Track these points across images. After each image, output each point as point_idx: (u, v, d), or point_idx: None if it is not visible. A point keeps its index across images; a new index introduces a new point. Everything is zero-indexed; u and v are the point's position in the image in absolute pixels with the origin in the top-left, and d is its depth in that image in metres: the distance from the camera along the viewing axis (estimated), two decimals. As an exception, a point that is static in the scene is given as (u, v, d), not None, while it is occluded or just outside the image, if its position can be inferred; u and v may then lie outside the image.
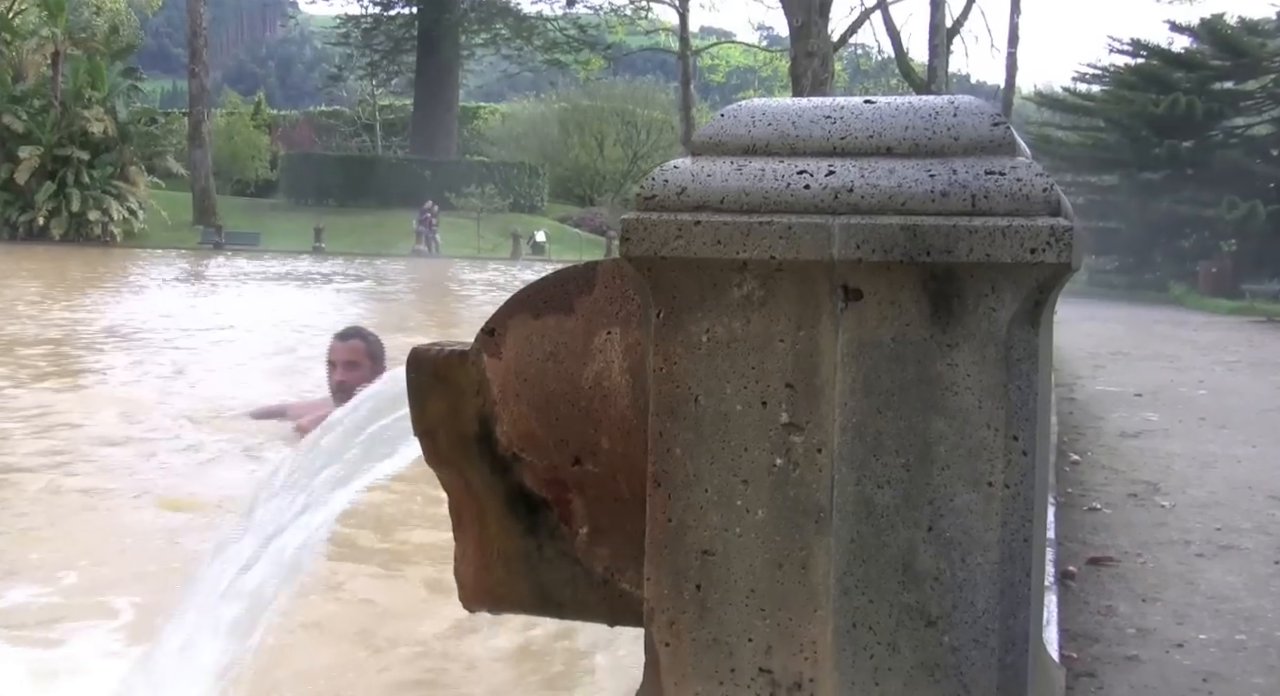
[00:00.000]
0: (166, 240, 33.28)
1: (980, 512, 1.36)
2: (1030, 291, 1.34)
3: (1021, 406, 1.36)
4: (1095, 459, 4.87)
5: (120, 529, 4.25)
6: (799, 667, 1.44)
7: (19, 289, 16.16)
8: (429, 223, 35.85)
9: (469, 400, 1.66)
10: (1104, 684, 2.27)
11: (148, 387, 7.75)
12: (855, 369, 1.40)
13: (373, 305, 17.19)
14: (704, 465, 1.46)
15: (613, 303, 1.61)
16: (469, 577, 1.76)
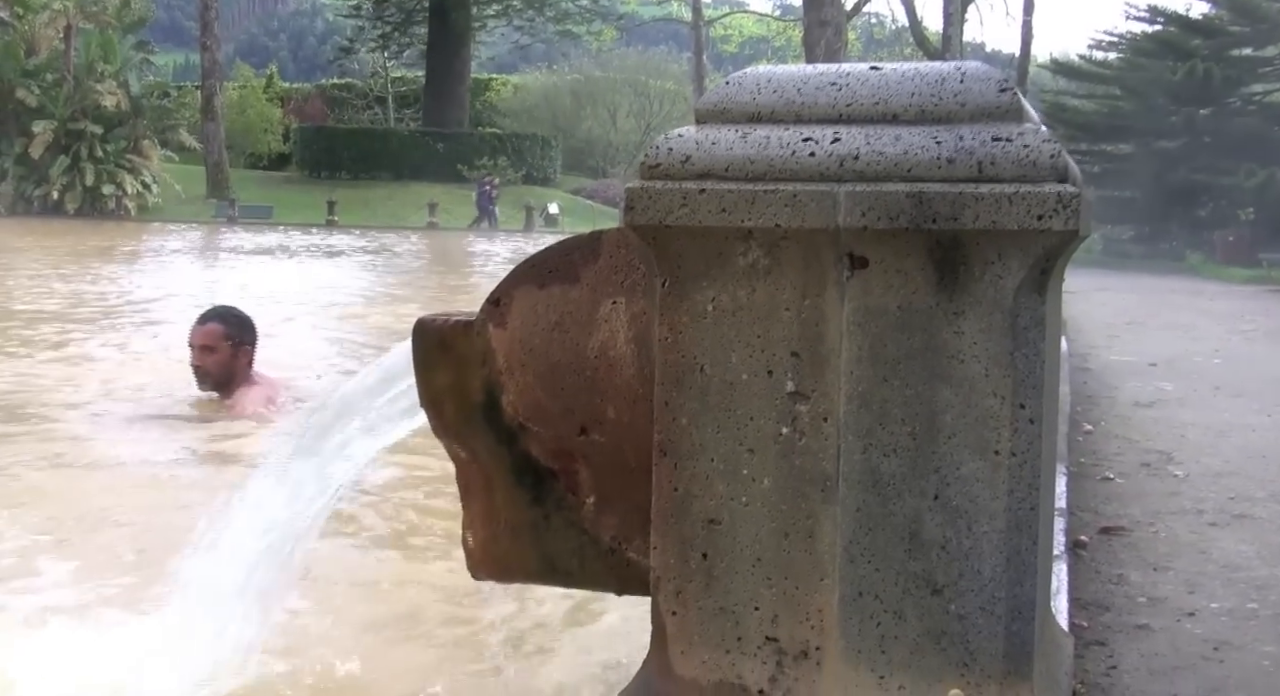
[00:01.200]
0: (180, 214, 33.32)
1: (987, 481, 1.36)
2: (1037, 259, 1.33)
3: (1029, 374, 1.35)
4: (1108, 428, 4.86)
5: (125, 493, 4.27)
6: (805, 635, 1.44)
7: (45, 260, 16.22)
8: (489, 195, 35.60)
9: (475, 370, 1.66)
10: (1114, 652, 2.26)
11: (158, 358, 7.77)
12: (861, 337, 1.39)
13: (388, 277, 17.25)
14: (710, 434, 1.46)
15: (618, 272, 1.61)
16: (476, 547, 1.77)
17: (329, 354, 8.34)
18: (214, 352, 5.24)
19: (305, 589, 2.90)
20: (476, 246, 26.49)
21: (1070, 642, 1.80)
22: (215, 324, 5.32)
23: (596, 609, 2.78)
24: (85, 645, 2.67)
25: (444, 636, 2.81)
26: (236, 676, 2.36)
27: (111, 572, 3.23)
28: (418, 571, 3.31)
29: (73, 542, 3.51)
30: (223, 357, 5.24)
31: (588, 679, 2.55)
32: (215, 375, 5.28)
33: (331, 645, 2.70)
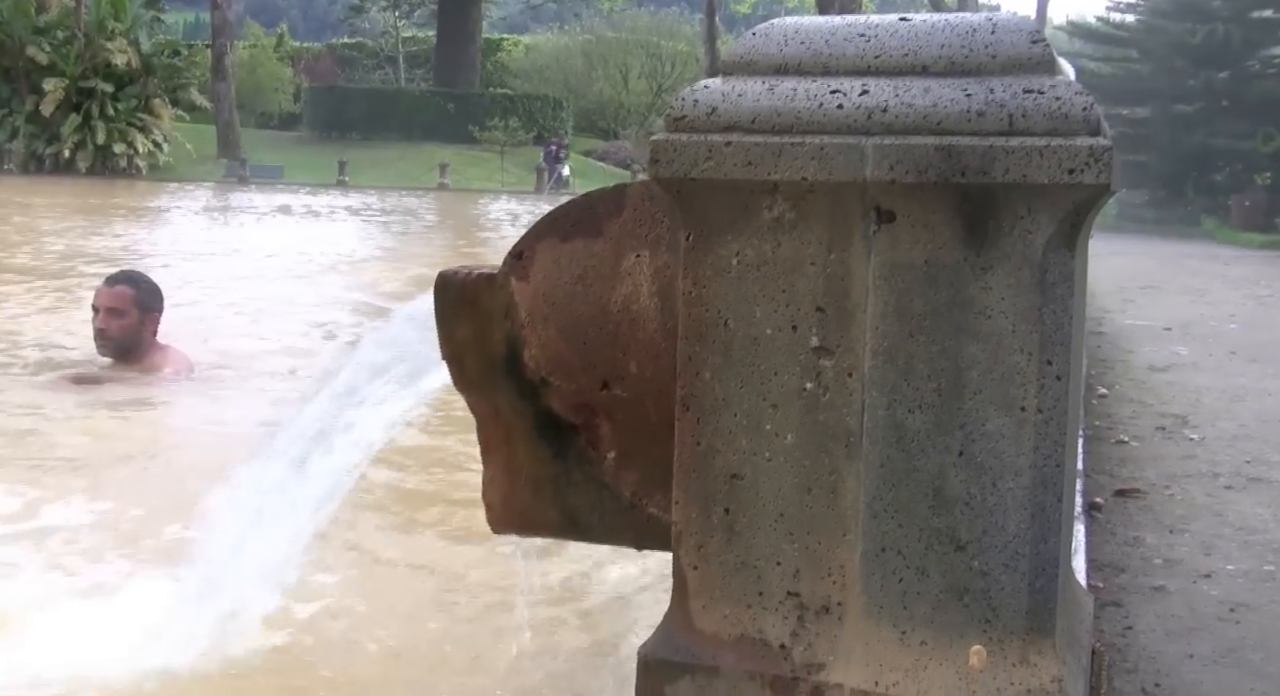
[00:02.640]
0: (191, 173, 33.27)
1: (1012, 437, 1.35)
2: (1067, 213, 1.32)
3: (1056, 330, 1.34)
4: (1123, 392, 4.85)
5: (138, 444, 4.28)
6: (827, 591, 1.44)
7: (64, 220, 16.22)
8: (555, 157, 35.30)
9: (497, 324, 1.65)
10: (1130, 613, 2.26)
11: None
12: (887, 292, 1.38)
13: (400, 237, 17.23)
14: (733, 389, 1.45)
15: (641, 225, 1.59)
16: (497, 501, 1.77)
17: (338, 315, 8.35)
18: (121, 317, 4.96)
19: (325, 548, 2.92)
20: (490, 208, 26.43)
21: (1090, 601, 1.80)
22: (125, 286, 5.02)
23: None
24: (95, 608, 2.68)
25: (469, 600, 2.82)
26: (251, 637, 2.38)
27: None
28: (439, 530, 3.32)
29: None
30: (129, 323, 4.97)
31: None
32: (119, 341, 5.00)
33: (353, 608, 2.72)
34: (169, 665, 2.27)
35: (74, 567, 2.91)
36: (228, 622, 2.35)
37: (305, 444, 2.16)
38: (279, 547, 2.29)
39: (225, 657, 2.31)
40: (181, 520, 3.03)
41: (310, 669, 2.37)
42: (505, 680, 2.33)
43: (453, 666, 2.41)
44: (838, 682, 1.42)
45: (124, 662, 2.28)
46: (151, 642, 2.32)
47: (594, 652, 2.47)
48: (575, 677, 2.33)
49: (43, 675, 2.27)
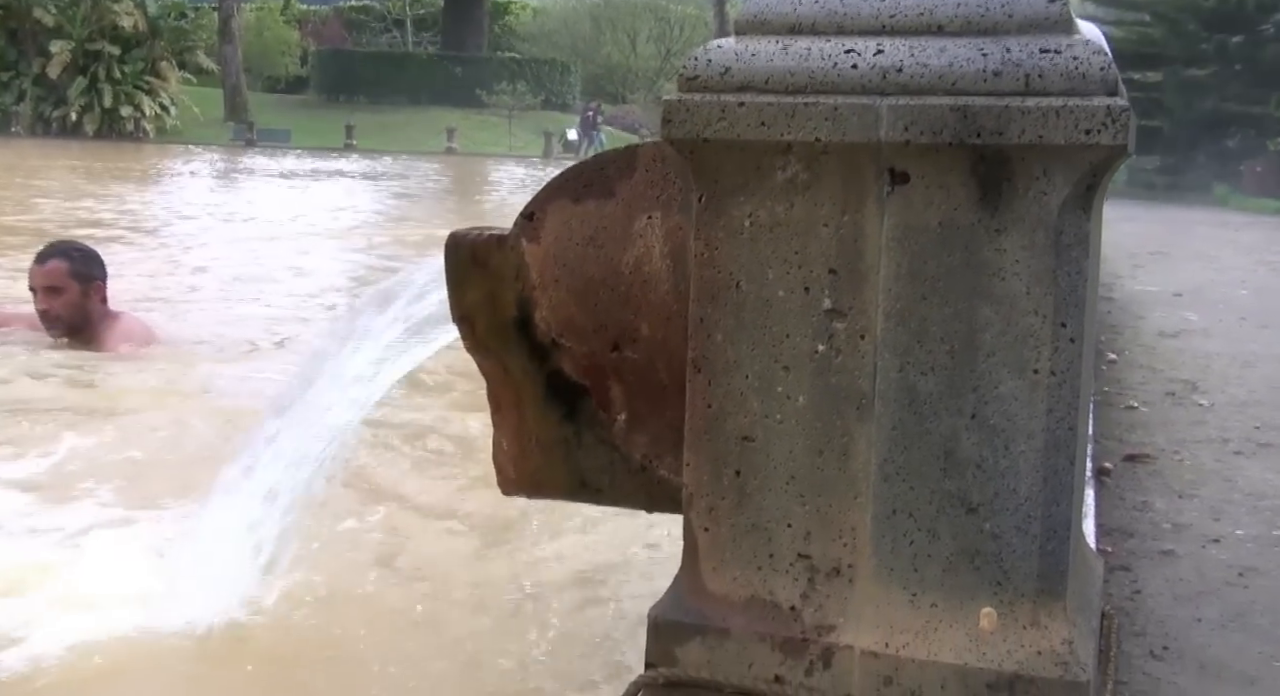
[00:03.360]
0: (199, 137, 33.24)
1: (1025, 400, 1.35)
2: (1083, 175, 1.31)
3: (1071, 293, 1.33)
4: (1133, 358, 4.84)
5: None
6: (838, 553, 1.44)
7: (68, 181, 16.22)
8: (592, 123, 35.04)
9: (507, 285, 1.64)
10: (1139, 577, 2.27)
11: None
12: (900, 254, 1.38)
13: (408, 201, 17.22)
14: (745, 351, 1.45)
15: (653, 186, 1.59)
16: (507, 464, 1.77)
17: (344, 279, 8.36)
18: (61, 293, 4.63)
19: (335, 509, 2.93)
20: (499, 172, 26.37)
21: (1101, 564, 1.80)
22: (57, 261, 4.68)
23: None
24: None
25: (478, 564, 2.83)
26: (262, 598, 2.40)
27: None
28: (447, 490, 3.33)
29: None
30: (72, 298, 4.66)
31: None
32: (67, 318, 4.70)
33: (359, 566, 2.73)
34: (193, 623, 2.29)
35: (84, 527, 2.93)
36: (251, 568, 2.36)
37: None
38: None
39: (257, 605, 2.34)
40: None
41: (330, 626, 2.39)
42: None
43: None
44: (848, 644, 1.42)
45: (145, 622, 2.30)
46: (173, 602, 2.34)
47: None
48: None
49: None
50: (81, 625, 2.33)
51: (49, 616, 2.39)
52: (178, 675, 2.23)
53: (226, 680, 2.22)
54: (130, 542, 2.82)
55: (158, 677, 2.22)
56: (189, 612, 2.31)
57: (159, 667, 2.23)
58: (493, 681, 2.23)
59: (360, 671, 2.25)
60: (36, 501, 3.10)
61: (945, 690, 1.38)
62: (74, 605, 2.41)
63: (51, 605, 2.44)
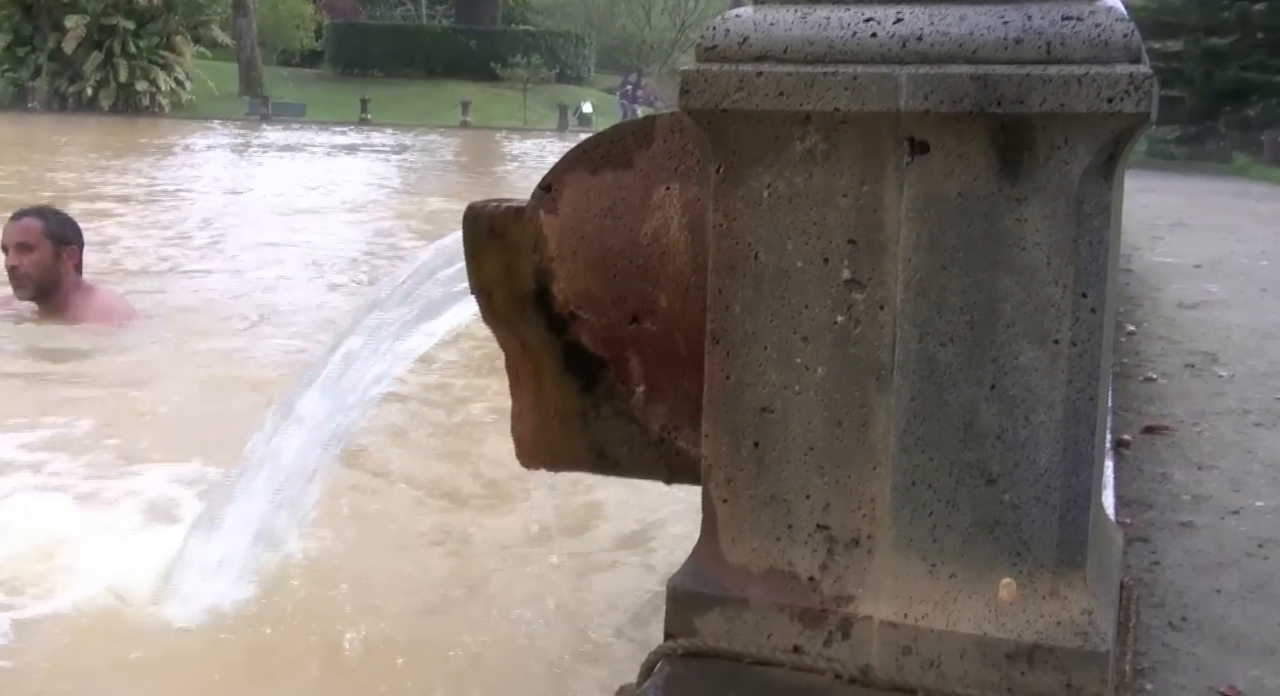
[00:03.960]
0: (214, 111, 33.27)
1: (1045, 370, 1.34)
2: (1105, 143, 1.30)
3: (1092, 262, 1.32)
4: (1152, 329, 4.81)
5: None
6: (857, 524, 1.44)
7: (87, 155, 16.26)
8: (633, 96, 34.81)
9: (525, 257, 1.64)
10: (1158, 549, 2.26)
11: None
12: (920, 224, 1.37)
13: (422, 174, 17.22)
14: (763, 322, 1.44)
15: (671, 157, 1.58)
16: (526, 436, 1.77)
17: (361, 252, 8.37)
18: (32, 251, 4.56)
19: (349, 481, 2.94)
20: (514, 146, 26.33)
21: (1120, 535, 1.80)
22: (33, 219, 4.64)
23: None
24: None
25: (489, 533, 2.84)
26: (272, 564, 2.41)
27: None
28: (466, 465, 3.34)
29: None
30: (43, 258, 4.58)
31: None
32: (36, 278, 4.60)
33: (372, 540, 2.75)
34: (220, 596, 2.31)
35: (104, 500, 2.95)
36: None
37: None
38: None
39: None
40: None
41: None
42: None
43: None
44: (866, 615, 1.43)
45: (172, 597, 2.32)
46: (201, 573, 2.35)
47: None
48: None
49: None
50: (94, 601, 2.35)
51: (58, 592, 2.40)
52: (194, 652, 2.24)
53: (248, 655, 2.23)
54: (144, 517, 2.84)
55: (173, 655, 2.23)
56: (206, 587, 2.32)
57: (174, 645, 2.25)
58: (510, 654, 2.24)
59: (385, 645, 2.26)
60: (46, 477, 3.11)
61: (964, 660, 1.38)
62: (86, 581, 2.42)
63: (61, 581, 2.45)
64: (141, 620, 2.29)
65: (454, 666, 2.20)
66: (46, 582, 2.44)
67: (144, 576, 2.42)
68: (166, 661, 2.20)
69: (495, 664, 2.21)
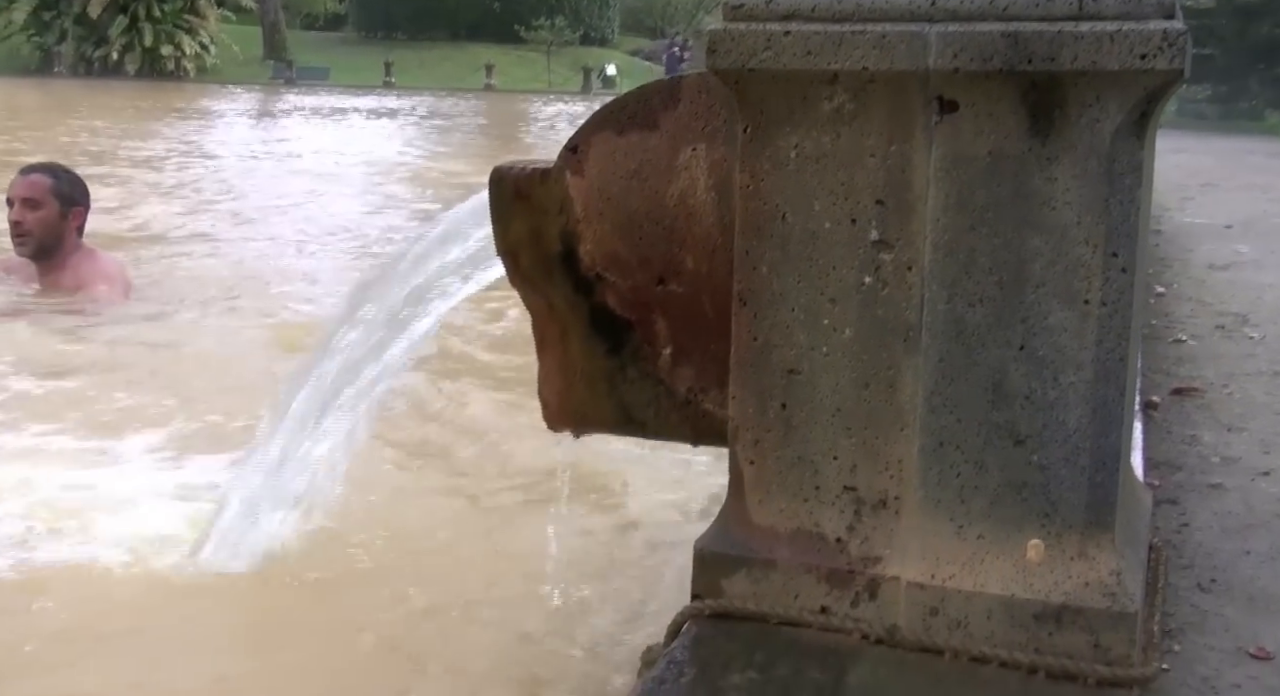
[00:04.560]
0: (238, 75, 33.31)
1: (1075, 331, 1.34)
2: (1138, 101, 1.28)
3: (1123, 222, 1.31)
4: (1181, 291, 4.77)
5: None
6: (884, 485, 1.44)
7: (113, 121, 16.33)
8: (679, 59, 34.54)
9: (551, 219, 1.64)
10: (1187, 511, 2.25)
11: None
12: (948, 184, 1.36)
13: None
14: (791, 284, 1.44)
15: (698, 118, 1.57)
16: (552, 398, 1.78)
17: (388, 216, 8.38)
18: (39, 208, 4.44)
19: (382, 444, 2.96)
20: (536, 109, 26.24)
21: (1149, 496, 1.79)
22: (42, 176, 4.52)
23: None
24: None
25: (515, 497, 2.86)
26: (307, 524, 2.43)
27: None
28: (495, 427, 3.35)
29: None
30: (48, 216, 4.46)
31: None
32: (39, 236, 4.48)
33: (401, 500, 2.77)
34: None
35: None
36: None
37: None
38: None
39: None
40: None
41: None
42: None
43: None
44: (894, 575, 1.43)
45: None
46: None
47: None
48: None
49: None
50: (130, 554, 2.38)
51: (93, 545, 2.44)
52: (227, 604, 2.27)
53: (277, 611, 2.26)
54: (177, 473, 2.87)
55: (207, 607, 2.26)
56: (239, 539, 2.35)
57: (208, 597, 2.27)
58: (538, 615, 2.26)
59: (413, 603, 2.28)
60: (75, 445, 3.14)
61: (991, 620, 1.38)
62: (117, 544, 2.45)
63: (96, 534, 2.48)
64: (176, 572, 2.32)
65: (480, 628, 2.22)
66: (81, 535, 2.48)
67: (178, 529, 2.45)
68: (200, 613, 2.23)
69: (522, 624, 2.23)
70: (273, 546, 2.35)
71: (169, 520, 2.54)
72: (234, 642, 2.19)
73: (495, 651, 2.15)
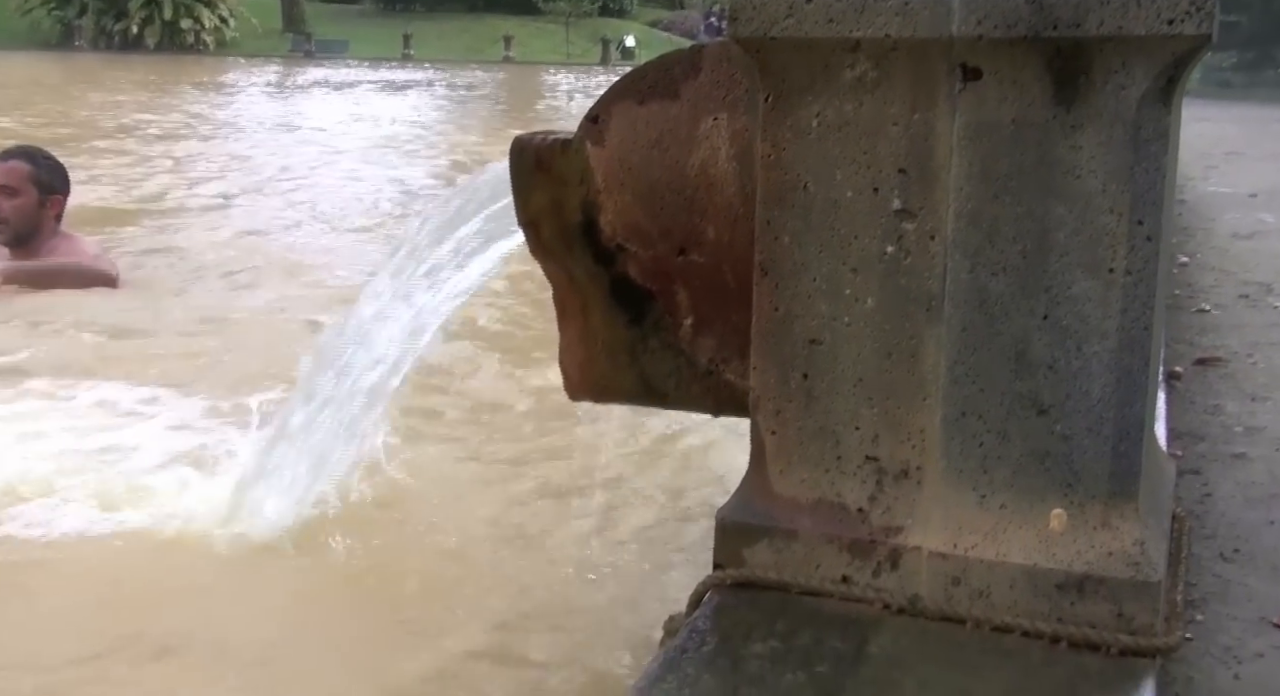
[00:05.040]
0: (258, 48, 33.31)
1: (1099, 300, 1.33)
2: (1164, 67, 1.27)
3: (1148, 189, 1.30)
4: (1205, 260, 4.73)
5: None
6: (906, 455, 1.44)
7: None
8: (717, 30, 34.42)
9: (572, 190, 1.64)
10: (1209, 481, 2.24)
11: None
12: (972, 153, 1.35)
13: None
14: (812, 253, 1.43)
15: (719, 87, 1.56)
16: (573, 369, 1.78)
17: (404, 191, 8.38)
18: (17, 195, 4.35)
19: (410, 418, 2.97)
20: (555, 81, 26.15)
21: (1173, 467, 1.79)
22: (20, 161, 4.43)
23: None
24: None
25: (554, 460, 2.87)
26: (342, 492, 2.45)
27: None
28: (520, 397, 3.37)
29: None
30: (27, 203, 4.37)
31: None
32: (15, 224, 4.39)
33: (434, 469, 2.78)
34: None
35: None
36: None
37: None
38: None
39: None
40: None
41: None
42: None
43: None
44: (916, 545, 1.43)
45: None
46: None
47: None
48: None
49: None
50: (164, 522, 2.41)
51: (128, 513, 2.46)
52: (260, 572, 2.29)
53: (310, 579, 2.28)
54: (209, 442, 2.89)
55: (241, 575, 2.28)
56: (273, 507, 2.37)
57: (243, 565, 2.30)
58: (563, 580, 2.27)
59: (446, 569, 2.30)
60: (109, 413, 3.17)
61: (1014, 590, 1.38)
62: (150, 511, 2.48)
63: (131, 502, 2.51)
64: (210, 540, 2.35)
65: (512, 594, 2.23)
66: (117, 503, 2.50)
67: (212, 498, 2.47)
68: (234, 580, 2.26)
69: (551, 591, 2.24)
70: (303, 512, 2.37)
71: (200, 488, 2.56)
72: (270, 608, 2.21)
73: (532, 607, 2.17)
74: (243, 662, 2.00)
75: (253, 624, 2.12)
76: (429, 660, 2.02)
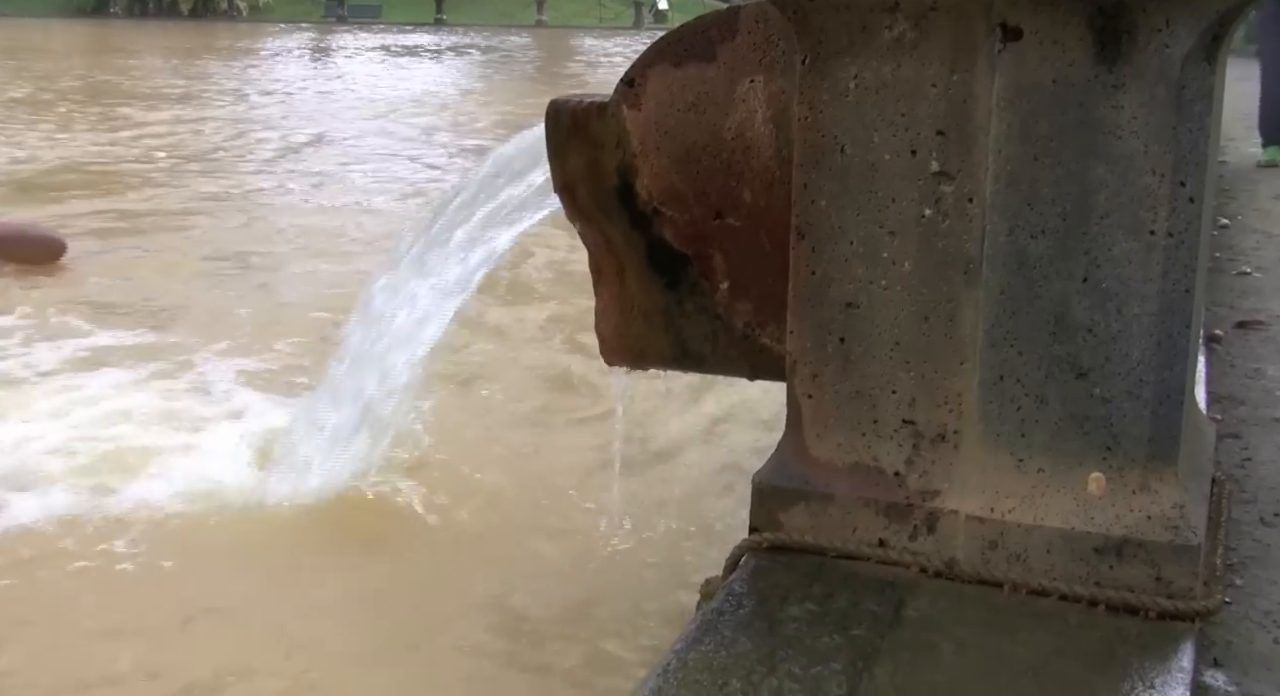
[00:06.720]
0: (291, 14, 33.32)
1: (1140, 262, 1.31)
2: (1210, 24, 1.25)
3: (1192, 150, 1.28)
4: (1246, 222, 4.67)
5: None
6: (943, 419, 1.43)
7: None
8: None
9: (608, 153, 1.63)
10: (1249, 444, 2.22)
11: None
12: (1012, 114, 1.33)
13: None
14: (849, 217, 1.42)
15: (756, 49, 1.55)
16: (609, 333, 1.78)
17: (440, 154, 8.37)
18: None
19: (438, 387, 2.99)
20: (588, 45, 26.03)
21: (1212, 430, 1.77)
22: None
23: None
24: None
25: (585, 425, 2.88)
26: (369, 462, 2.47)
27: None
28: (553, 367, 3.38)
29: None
30: None
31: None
32: None
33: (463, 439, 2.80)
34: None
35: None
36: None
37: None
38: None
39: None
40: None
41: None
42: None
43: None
44: (953, 509, 1.43)
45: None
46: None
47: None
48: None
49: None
50: (195, 485, 2.44)
51: (161, 478, 2.49)
52: (290, 533, 2.32)
53: (340, 537, 2.31)
54: (242, 409, 2.92)
55: (271, 536, 2.31)
56: (304, 472, 2.39)
57: (272, 527, 2.33)
58: (597, 542, 2.29)
59: (479, 531, 2.32)
60: (139, 379, 3.20)
61: (1051, 554, 1.38)
62: (190, 479, 2.51)
63: (164, 468, 2.54)
64: (242, 503, 2.38)
65: (539, 557, 2.25)
66: (151, 468, 2.54)
67: (243, 463, 2.50)
68: (264, 542, 2.29)
69: (582, 556, 2.26)
70: (341, 472, 2.39)
71: (239, 450, 2.59)
72: (308, 565, 2.24)
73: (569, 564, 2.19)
74: (289, 619, 2.03)
75: (288, 581, 2.15)
76: (475, 613, 2.05)
